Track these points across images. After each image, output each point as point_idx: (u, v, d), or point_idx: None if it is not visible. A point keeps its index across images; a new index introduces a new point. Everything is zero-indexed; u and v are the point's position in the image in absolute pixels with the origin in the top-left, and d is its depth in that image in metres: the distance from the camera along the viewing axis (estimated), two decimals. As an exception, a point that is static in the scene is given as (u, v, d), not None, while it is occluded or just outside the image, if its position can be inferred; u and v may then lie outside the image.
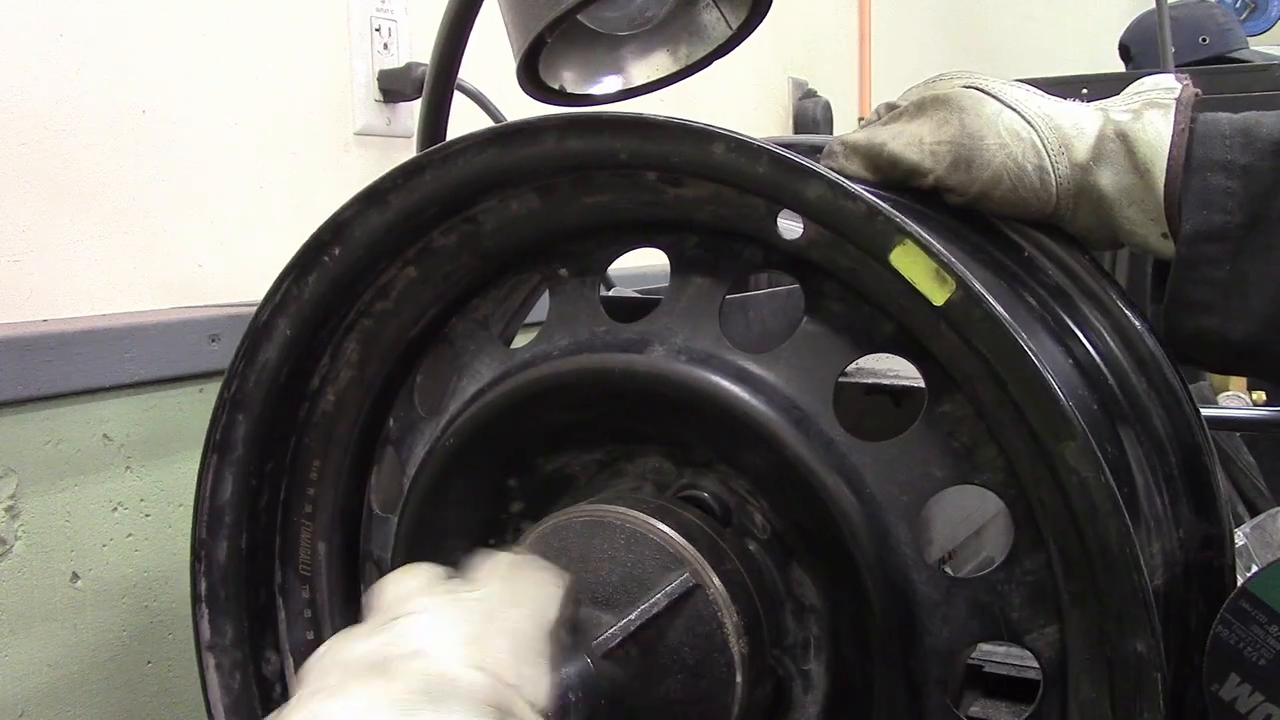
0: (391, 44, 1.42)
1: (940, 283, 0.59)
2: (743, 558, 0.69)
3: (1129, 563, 0.57)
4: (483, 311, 0.79)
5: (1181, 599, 0.74)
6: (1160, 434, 0.75)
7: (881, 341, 0.66)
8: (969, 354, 0.60)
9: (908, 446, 0.64)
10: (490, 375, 0.75)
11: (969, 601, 0.63)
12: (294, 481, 0.83)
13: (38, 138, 1.04)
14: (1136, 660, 0.58)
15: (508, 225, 0.74)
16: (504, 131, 0.69)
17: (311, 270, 0.76)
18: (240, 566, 0.82)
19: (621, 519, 0.67)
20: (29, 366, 0.98)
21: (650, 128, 0.65)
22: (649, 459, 0.73)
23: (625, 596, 0.66)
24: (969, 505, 0.84)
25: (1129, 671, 0.58)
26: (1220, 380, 1.80)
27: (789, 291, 0.88)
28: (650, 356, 0.68)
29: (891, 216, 0.60)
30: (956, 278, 0.58)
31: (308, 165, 1.32)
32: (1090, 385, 0.73)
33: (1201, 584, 0.75)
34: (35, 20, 1.04)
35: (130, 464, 1.09)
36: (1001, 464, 0.63)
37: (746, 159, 0.63)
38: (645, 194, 0.69)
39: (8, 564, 0.99)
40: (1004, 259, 0.77)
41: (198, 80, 1.19)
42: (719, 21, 0.83)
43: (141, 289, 1.14)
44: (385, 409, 0.83)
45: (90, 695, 1.06)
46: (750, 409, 0.65)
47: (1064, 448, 0.57)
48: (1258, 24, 3.90)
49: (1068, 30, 4.03)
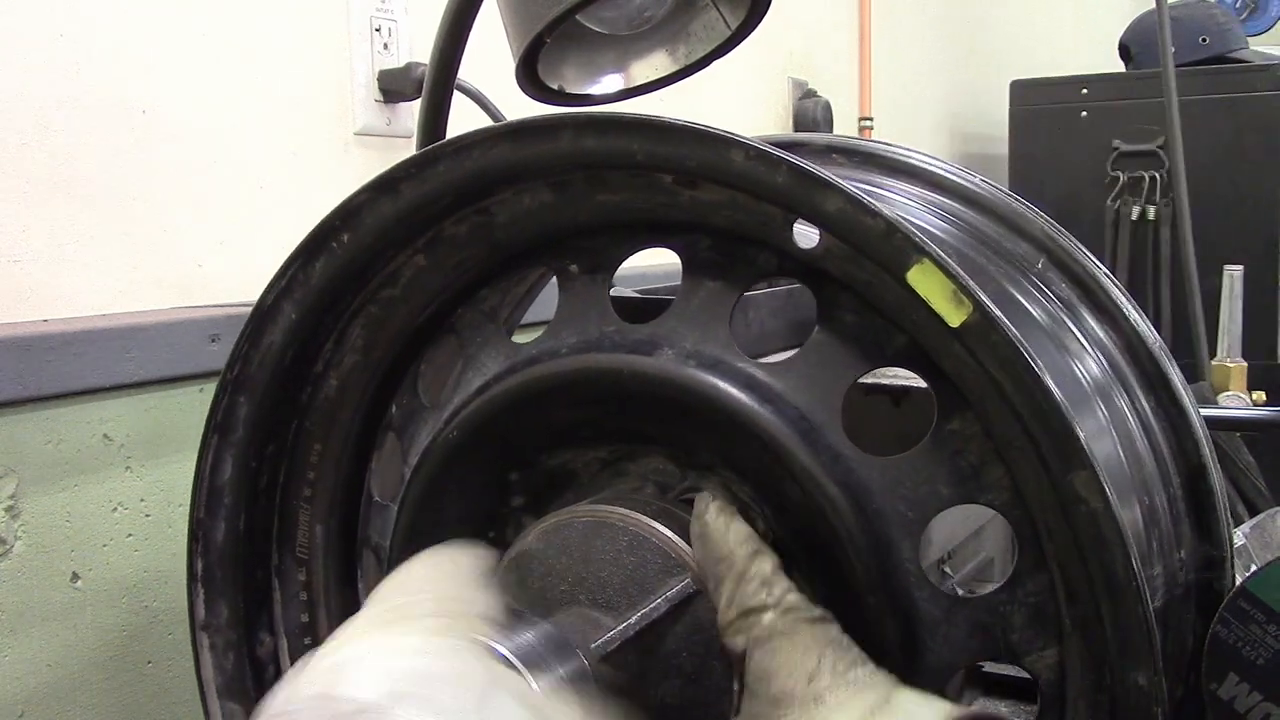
0: (391, 44, 1.42)
1: (957, 304, 0.58)
2: (744, 565, 0.68)
3: (1134, 595, 0.57)
4: (490, 303, 0.79)
5: (1180, 620, 0.74)
6: (1165, 453, 0.75)
7: (893, 355, 0.66)
8: (981, 375, 0.60)
9: (915, 463, 0.64)
10: (496, 369, 0.75)
11: (969, 621, 0.63)
12: (294, 465, 0.83)
13: (38, 138, 1.04)
14: (1137, 693, 0.58)
15: (520, 218, 0.74)
16: (520, 127, 0.69)
17: (319, 255, 0.75)
18: (237, 547, 0.81)
19: (624, 521, 0.67)
20: (29, 366, 0.98)
21: (668, 131, 0.64)
22: (652, 460, 0.73)
23: (625, 599, 0.66)
24: (968, 505, 0.83)
25: (1129, 703, 0.58)
26: (1220, 380, 1.80)
27: (789, 292, 0.88)
28: (659, 359, 0.68)
29: (910, 235, 0.59)
30: (974, 300, 0.58)
31: (308, 165, 1.32)
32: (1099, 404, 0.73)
33: (1200, 605, 0.75)
34: (35, 20, 1.04)
35: (130, 464, 1.09)
36: (1008, 484, 0.63)
37: (765, 168, 0.62)
38: (660, 195, 0.69)
39: (8, 564, 0.99)
40: (1015, 272, 0.77)
41: (198, 80, 1.19)
42: (718, 21, 0.83)
43: (141, 289, 1.14)
44: (388, 396, 0.82)
45: (90, 695, 1.06)
46: (758, 418, 0.65)
47: (1075, 477, 0.57)
48: (1258, 24, 3.90)
49: (1068, 30, 4.03)
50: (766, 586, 0.63)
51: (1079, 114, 3.09)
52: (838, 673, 0.60)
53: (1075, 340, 0.74)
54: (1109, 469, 0.68)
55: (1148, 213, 2.97)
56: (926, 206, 0.87)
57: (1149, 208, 2.97)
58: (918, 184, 0.89)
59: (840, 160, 0.91)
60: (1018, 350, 0.57)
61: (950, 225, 0.84)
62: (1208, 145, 2.77)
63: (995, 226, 0.84)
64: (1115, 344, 0.75)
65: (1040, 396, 0.57)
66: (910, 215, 0.84)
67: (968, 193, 0.87)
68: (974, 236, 0.83)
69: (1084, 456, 0.56)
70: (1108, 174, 3.02)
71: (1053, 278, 0.75)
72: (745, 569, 0.63)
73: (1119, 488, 0.67)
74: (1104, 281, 0.76)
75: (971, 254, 0.79)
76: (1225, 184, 2.84)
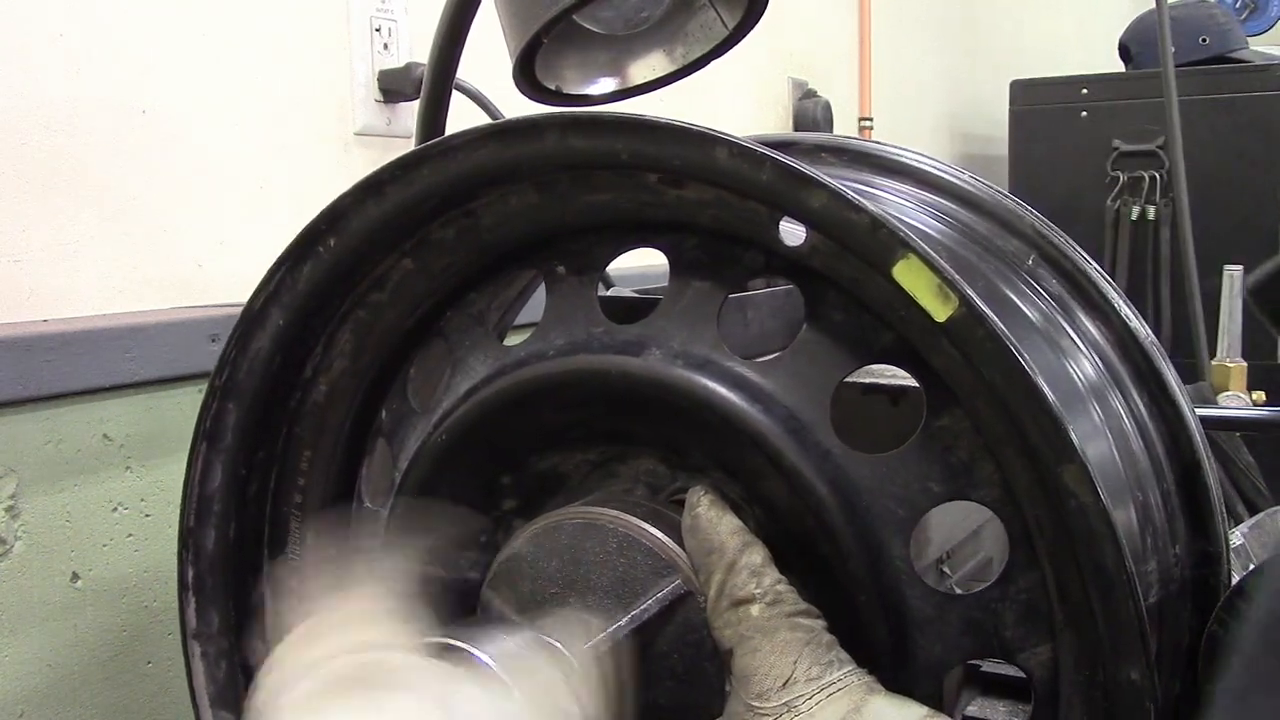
0: (391, 44, 1.42)
1: (943, 299, 0.58)
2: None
3: (1125, 590, 0.56)
4: (478, 306, 0.78)
5: (1176, 616, 0.74)
6: (1159, 449, 0.75)
7: (881, 351, 0.65)
8: (969, 370, 0.59)
9: (905, 460, 0.64)
10: (484, 372, 0.75)
11: (962, 618, 0.63)
12: (284, 471, 0.83)
13: (38, 138, 1.04)
14: (1131, 688, 0.58)
15: (506, 220, 0.74)
16: (505, 128, 0.68)
17: (306, 260, 0.75)
18: (228, 555, 0.81)
19: (614, 522, 0.66)
20: (29, 366, 0.98)
21: (652, 130, 0.64)
22: (643, 461, 0.73)
23: (616, 601, 0.65)
24: (967, 505, 0.83)
25: (1122, 699, 0.58)
26: (1220, 380, 1.80)
27: (787, 292, 0.88)
28: (647, 360, 0.68)
29: (895, 230, 0.59)
30: (960, 295, 0.57)
31: (308, 165, 1.32)
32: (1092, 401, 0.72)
33: (1196, 601, 0.75)
34: (35, 20, 1.04)
35: (130, 464, 1.09)
36: (999, 480, 0.62)
37: (750, 165, 0.62)
38: (646, 195, 0.68)
39: (8, 564, 0.99)
40: (1006, 269, 0.77)
41: (198, 80, 1.19)
42: (715, 22, 0.83)
43: (141, 289, 1.14)
44: (378, 401, 0.82)
45: (90, 695, 1.06)
46: (746, 417, 0.65)
47: (1063, 470, 0.57)
48: (1258, 24, 3.90)
49: (1068, 30, 4.03)
50: (756, 577, 0.63)
51: (1079, 114, 3.09)
52: (812, 678, 0.60)
53: (1067, 337, 0.74)
54: (1101, 465, 0.68)
55: (1148, 213, 2.96)
56: (917, 204, 0.86)
57: (1149, 208, 2.96)
58: (908, 182, 0.88)
59: (830, 159, 0.91)
60: (1004, 344, 0.57)
61: (940, 222, 0.84)
62: (1208, 145, 2.77)
63: (986, 224, 0.84)
64: (1107, 340, 0.75)
65: (1028, 390, 0.57)
66: (899, 213, 0.84)
67: (958, 190, 0.87)
68: (964, 234, 0.83)
69: (1072, 450, 0.56)
70: (1108, 174, 3.01)
71: (1043, 274, 0.75)
72: (735, 560, 0.63)
73: (1111, 484, 0.66)
74: (1095, 277, 0.76)
75: (962, 251, 0.79)
76: (1225, 184, 2.83)
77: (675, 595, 0.65)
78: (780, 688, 0.60)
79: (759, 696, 0.61)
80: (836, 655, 0.61)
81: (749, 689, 0.61)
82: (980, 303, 0.57)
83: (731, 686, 0.63)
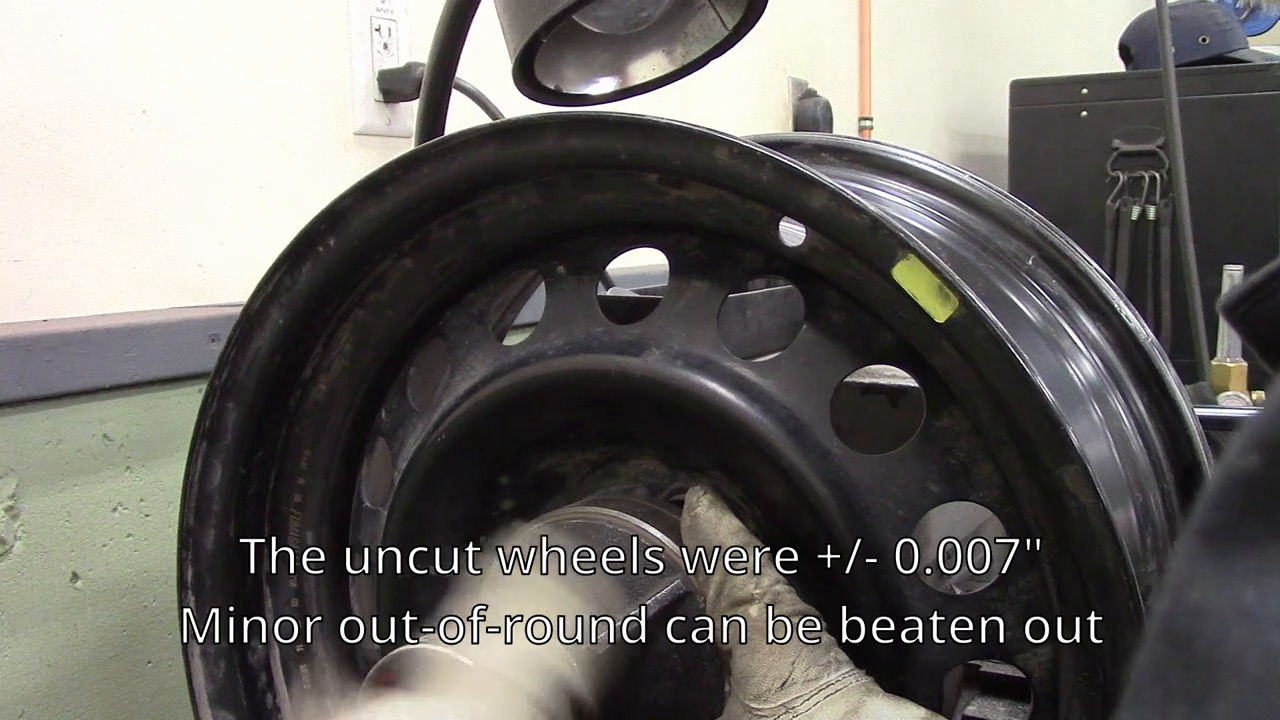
0: (391, 44, 1.42)
1: (943, 300, 0.58)
2: (735, 566, 0.68)
3: (1125, 590, 0.56)
4: (478, 306, 0.78)
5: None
6: (1159, 450, 0.75)
7: (880, 352, 0.65)
8: (969, 370, 0.59)
9: (905, 461, 0.64)
10: (484, 372, 0.75)
11: (961, 619, 0.63)
12: (283, 471, 0.83)
13: (38, 138, 1.04)
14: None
15: (506, 220, 0.74)
16: (505, 128, 0.68)
17: (306, 259, 0.75)
18: (228, 555, 0.81)
19: (614, 522, 0.67)
20: (29, 366, 0.98)
21: (652, 130, 0.64)
22: (642, 461, 0.73)
23: (615, 601, 0.65)
24: (967, 505, 0.84)
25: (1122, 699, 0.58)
26: (1220, 380, 1.80)
27: (786, 292, 0.88)
28: (646, 360, 0.68)
29: (895, 230, 0.59)
30: (960, 296, 0.57)
31: (308, 165, 1.32)
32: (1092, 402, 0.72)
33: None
34: (35, 20, 1.04)
35: (130, 464, 1.09)
36: (998, 481, 0.62)
37: (750, 165, 0.62)
38: (646, 194, 0.68)
39: (8, 564, 0.99)
40: (1006, 269, 0.77)
41: (198, 80, 1.19)
42: (715, 21, 0.83)
43: (141, 289, 1.14)
44: (378, 400, 0.82)
45: (90, 695, 1.06)
46: (746, 417, 0.65)
47: (1063, 471, 0.57)
48: (1258, 24, 3.90)
49: (1068, 30, 4.03)
50: (755, 578, 0.63)
51: (1079, 114, 3.09)
52: (810, 679, 0.60)
53: (1067, 337, 0.74)
54: (1101, 466, 0.68)
55: (1148, 213, 2.96)
56: (917, 204, 0.86)
57: (1149, 208, 2.96)
58: (908, 182, 0.88)
59: (830, 159, 0.91)
60: (1004, 344, 0.57)
61: (940, 223, 0.84)
62: (1208, 145, 2.77)
63: (986, 224, 0.84)
64: (1107, 340, 0.75)
65: (1027, 391, 0.57)
66: (899, 213, 0.84)
67: (958, 190, 0.87)
68: (964, 234, 0.83)
69: (1072, 450, 0.56)
70: (1108, 174, 3.02)
71: (1043, 274, 0.75)
72: (734, 560, 0.63)
73: (1111, 484, 0.66)
74: (1095, 277, 0.76)
75: (962, 251, 0.79)
76: (1225, 184, 2.83)
77: (674, 595, 0.65)
78: (778, 689, 0.60)
79: (757, 697, 0.61)
80: (835, 656, 0.61)
81: (747, 690, 0.61)
82: (980, 303, 0.57)
83: (730, 687, 0.63)
